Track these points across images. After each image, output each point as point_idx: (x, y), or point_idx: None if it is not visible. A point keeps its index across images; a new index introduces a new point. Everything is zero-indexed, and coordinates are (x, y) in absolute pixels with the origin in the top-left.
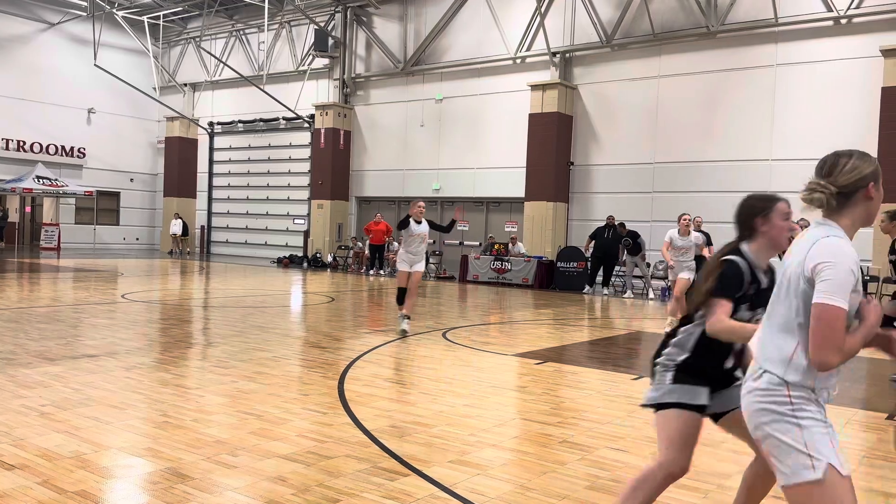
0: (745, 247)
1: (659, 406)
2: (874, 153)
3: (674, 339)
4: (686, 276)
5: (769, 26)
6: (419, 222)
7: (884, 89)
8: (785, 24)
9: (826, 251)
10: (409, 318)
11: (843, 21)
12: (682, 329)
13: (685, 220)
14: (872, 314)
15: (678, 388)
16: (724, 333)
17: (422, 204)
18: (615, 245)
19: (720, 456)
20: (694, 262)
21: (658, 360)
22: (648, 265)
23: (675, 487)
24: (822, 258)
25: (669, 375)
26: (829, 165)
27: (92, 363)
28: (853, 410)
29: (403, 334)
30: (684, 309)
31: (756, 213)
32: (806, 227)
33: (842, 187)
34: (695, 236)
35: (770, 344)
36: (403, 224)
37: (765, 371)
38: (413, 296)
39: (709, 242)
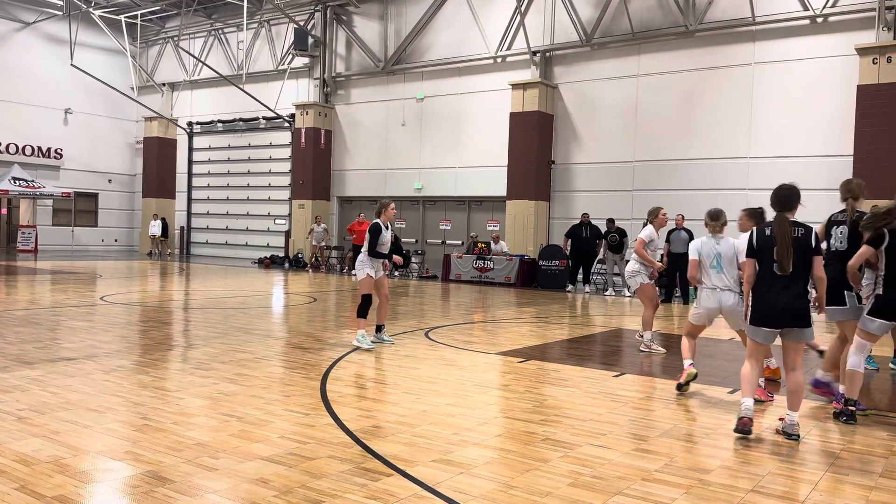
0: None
1: None
2: (850, 150)
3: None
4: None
5: (746, 25)
6: (387, 228)
7: (859, 87)
8: (762, 22)
9: None
10: (383, 327)
11: (819, 20)
12: None
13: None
14: None
15: None
16: None
17: (394, 206)
18: (592, 242)
19: (701, 451)
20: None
21: None
22: (627, 262)
23: (655, 482)
24: None
25: None
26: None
27: (70, 366)
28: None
29: (372, 345)
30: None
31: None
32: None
33: None
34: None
35: None
36: (376, 230)
37: None
38: (387, 303)
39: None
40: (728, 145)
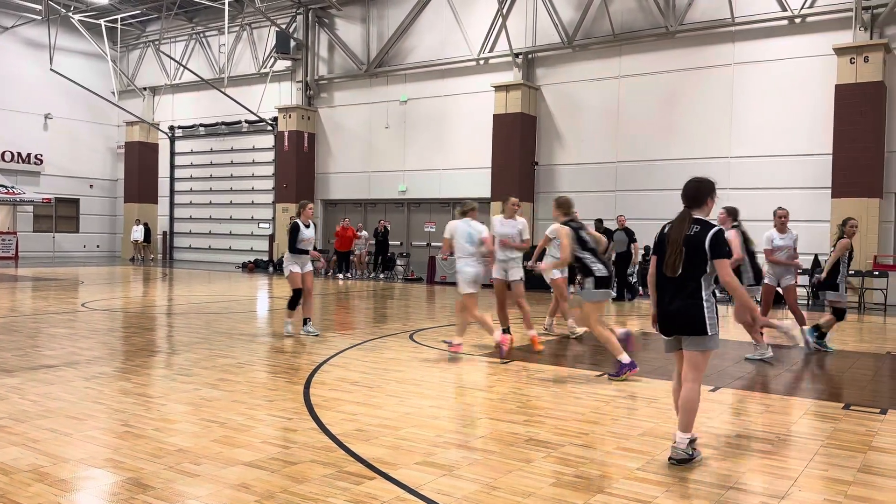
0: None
1: None
2: (829, 149)
3: None
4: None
5: (726, 26)
6: (308, 226)
7: (837, 87)
8: (741, 23)
9: None
10: (309, 320)
11: (798, 20)
12: None
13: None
14: None
15: None
16: None
17: (311, 206)
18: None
19: None
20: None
21: None
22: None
23: (637, 481)
24: None
25: None
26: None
27: (51, 374)
28: (809, 401)
29: (292, 334)
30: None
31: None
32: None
33: None
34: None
35: None
36: (295, 229)
37: None
38: (311, 297)
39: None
40: (709, 145)
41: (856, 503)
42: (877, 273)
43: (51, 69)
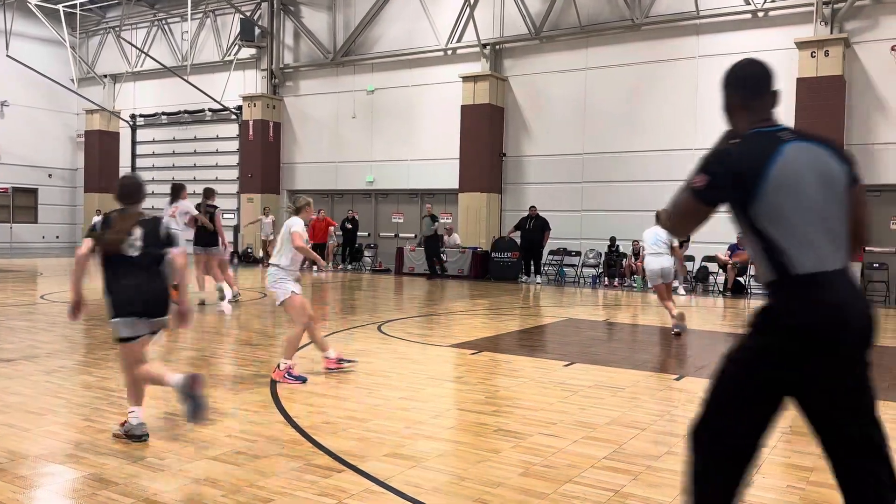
0: None
1: None
2: None
3: None
4: None
5: (691, 19)
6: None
7: (798, 80)
8: (706, 16)
9: None
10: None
11: (760, 14)
12: None
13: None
14: None
15: None
16: None
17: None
18: (539, 234)
19: (648, 438)
20: None
21: None
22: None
23: (604, 469)
24: None
25: None
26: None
27: (9, 367)
28: None
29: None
30: None
31: None
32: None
33: None
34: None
35: None
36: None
37: None
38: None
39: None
40: (674, 137)
41: (818, 489)
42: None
43: (7, 55)
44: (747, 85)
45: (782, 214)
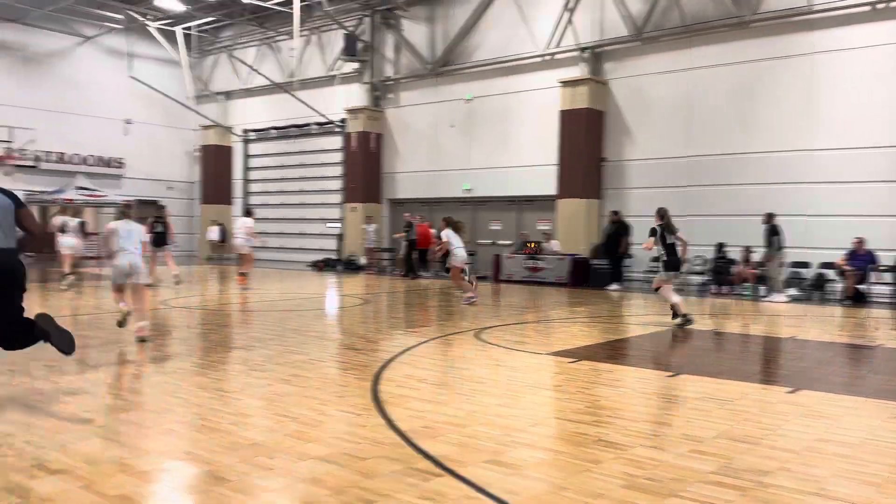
0: None
1: None
2: None
3: None
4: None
5: (803, 14)
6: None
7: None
8: (820, 11)
9: None
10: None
11: (880, 6)
12: None
13: None
14: None
15: None
16: None
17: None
18: (615, 240)
19: (760, 453)
20: None
21: None
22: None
23: (711, 484)
24: None
25: None
26: None
27: (133, 368)
28: (894, 403)
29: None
30: None
31: None
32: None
33: None
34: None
35: None
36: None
37: None
38: None
39: None
40: (788, 138)
41: None
42: None
43: (130, 76)
44: None
45: None
